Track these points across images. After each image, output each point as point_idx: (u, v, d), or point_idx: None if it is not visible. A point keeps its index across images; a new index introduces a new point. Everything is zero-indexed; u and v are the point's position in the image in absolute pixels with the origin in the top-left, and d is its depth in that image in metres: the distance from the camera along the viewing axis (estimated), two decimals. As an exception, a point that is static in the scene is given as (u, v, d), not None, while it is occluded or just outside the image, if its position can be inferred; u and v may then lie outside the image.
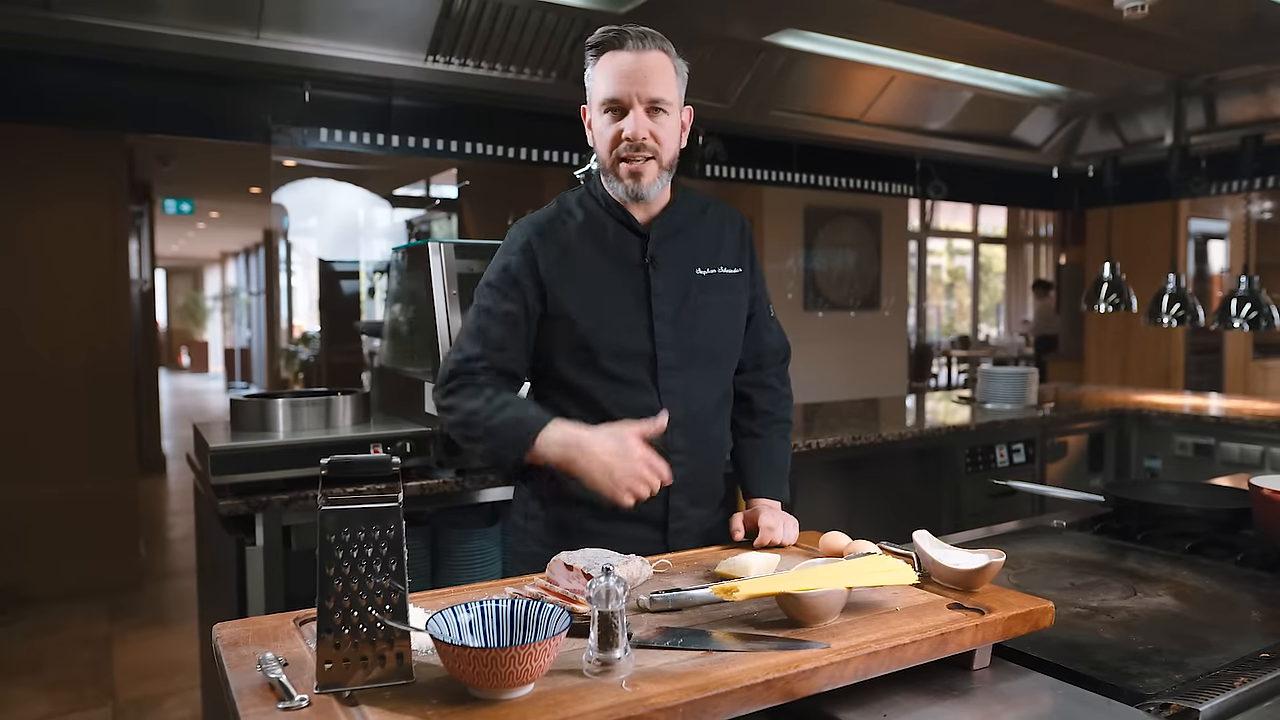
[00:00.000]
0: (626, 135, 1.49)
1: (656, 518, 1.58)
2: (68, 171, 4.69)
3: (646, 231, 1.57)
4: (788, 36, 3.54)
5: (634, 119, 1.49)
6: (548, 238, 1.57)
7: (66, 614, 4.25)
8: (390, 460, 1.05)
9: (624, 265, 1.57)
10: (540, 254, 1.55)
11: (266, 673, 0.96)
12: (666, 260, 1.57)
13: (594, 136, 1.57)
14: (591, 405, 1.55)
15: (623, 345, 1.54)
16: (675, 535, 1.59)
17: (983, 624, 1.11)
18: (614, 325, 1.54)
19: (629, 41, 1.50)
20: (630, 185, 1.52)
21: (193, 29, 2.84)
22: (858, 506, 3.59)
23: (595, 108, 1.54)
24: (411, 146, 3.46)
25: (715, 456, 1.66)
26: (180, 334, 20.10)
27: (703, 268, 1.60)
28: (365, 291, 6.50)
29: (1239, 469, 3.60)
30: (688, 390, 1.57)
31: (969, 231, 12.01)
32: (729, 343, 1.65)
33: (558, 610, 0.98)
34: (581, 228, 1.58)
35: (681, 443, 1.56)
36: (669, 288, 1.57)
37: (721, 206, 1.70)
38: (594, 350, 1.53)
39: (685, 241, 1.61)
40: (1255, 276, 4.08)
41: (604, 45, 1.52)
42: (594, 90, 1.55)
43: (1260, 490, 1.65)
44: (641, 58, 1.50)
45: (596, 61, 1.53)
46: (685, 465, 1.56)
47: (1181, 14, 3.17)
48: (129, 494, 4.87)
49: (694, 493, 1.61)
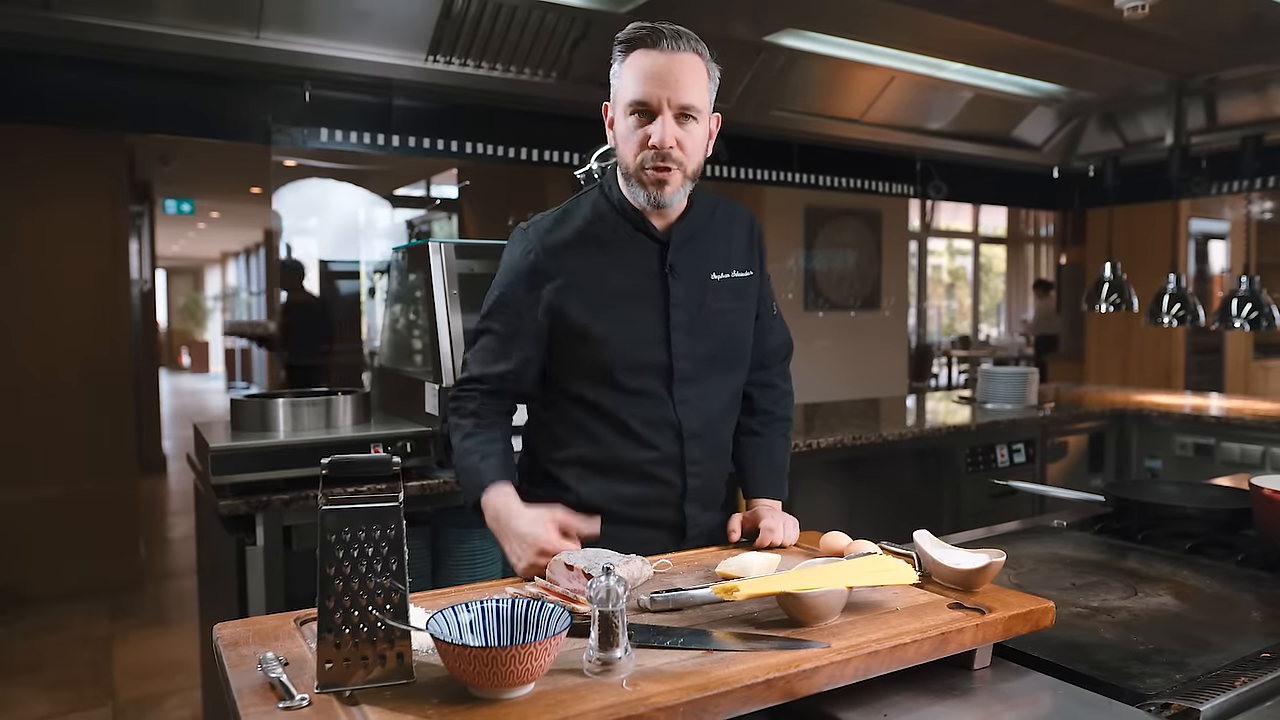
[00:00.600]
0: (653, 143, 1.41)
1: (674, 526, 1.56)
2: (68, 171, 4.69)
3: (665, 239, 1.51)
4: (788, 36, 3.54)
5: (662, 126, 1.40)
6: (554, 248, 1.50)
7: (67, 614, 4.25)
8: (391, 460, 1.05)
9: (641, 273, 1.50)
10: (547, 267, 1.49)
11: (267, 672, 0.96)
12: (684, 267, 1.52)
13: (616, 138, 1.48)
14: (607, 418, 1.51)
15: (638, 358, 1.49)
16: (690, 543, 1.57)
17: (983, 624, 1.10)
18: (629, 338, 1.48)
19: (663, 41, 1.41)
20: (653, 194, 1.45)
21: (193, 29, 2.84)
22: (858, 506, 3.59)
23: (620, 108, 1.45)
24: (412, 146, 3.46)
25: (725, 460, 1.64)
26: (181, 334, 20.10)
27: (717, 273, 1.55)
28: (365, 292, 6.49)
29: (1239, 469, 3.60)
30: (702, 400, 1.53)
31: (969, 231, 12.01)
32: (742, 348, 1.61)
33: (558, 610, 0.98)
34: (594, 234, 1.51)
35: (697, 453, 1.54)
36: (687, 296, 1.51)
37: (729, 204, 1.64)
38: (608, 365, 1.48)
39: (700, 247, 1.55)
40: (1256, 276, 4.08)
41: (635, 42, 1.42)
42: (620, 89, 1.45)
43: (1261, 490, 1.65)
44: (674, 59, 1.40)
45: (625, 59, 1.43)
46: (700, 476, 1.55)
47: (1182, 14, 3.17)
48: (129, 494, 4.87)
49: (706, 499, 1.59)
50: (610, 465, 1.52)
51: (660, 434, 1.51)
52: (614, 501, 1.53)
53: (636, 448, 1.51)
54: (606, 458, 1.52)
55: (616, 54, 1.45)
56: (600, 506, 1.50)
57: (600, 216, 1.52)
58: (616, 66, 1.46)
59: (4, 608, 4.23)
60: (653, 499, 1.54)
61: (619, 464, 1.52)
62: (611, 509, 1.51)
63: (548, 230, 1.52)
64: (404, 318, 2.80)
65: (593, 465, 1.53)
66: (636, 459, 1.51)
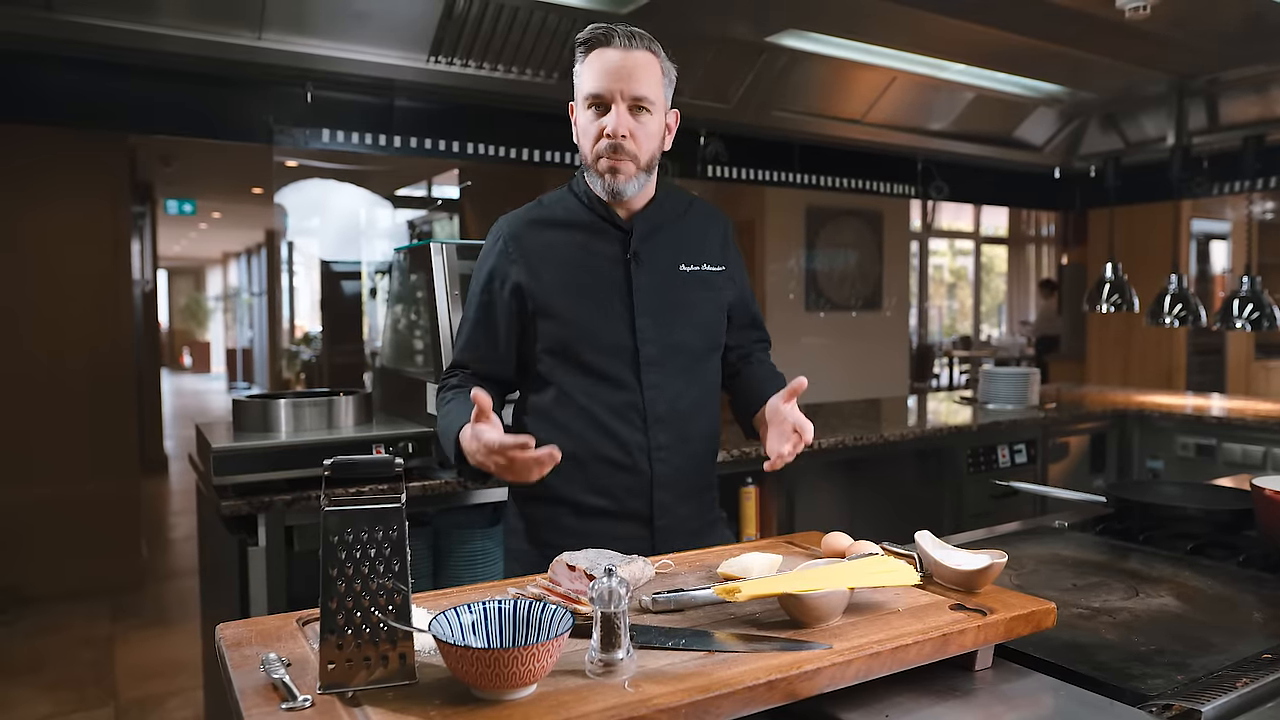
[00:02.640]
0: (607, 131, 1.50)
1: (642, 514, 1.59)
2: (69, 172, 4.70)
3: (629, 227, 1.59)
4: (789, 37, 3.54)
5: (615, 115, 1.50)
6: (524, 236, 1.60)
7: (68, 614, 4.25)
8: (393, 461, 1.05)
9: (605, 260, 1.58)
10: (517, 252, 1.58)
11: (270, 673, 0.96)
12: (649, 256, 1.59)
13: (578, 133, 1.59)
14: (574, 404, 1.57)
15: (603, 340, 1.55)
16: (662, 532, 1.59)
17: (985, 625, 1.11)
18: (595, 320, 1.56)
19: (616, 39, 1.52)
20: (609, 182, 1.54)
21: (195, 30, 2.84)
22: (859, 507, 3.59)
23: (579, 102, 1.56)
24: (413, 147, 3.46)
25: (700, 451, 1.65)
26: (182, 334, 20.12)
27: (686, 264, 1.62)
28: (367, 292, 6.50)
29: (1241, 469, 3.60)
30: (670, 385, 1.58)
31: (971, 232, 12.01)
32: (711, 339, 1.67)
33: (560, 611, 0.99)
34: (561, 221, 1.61)
35: (664, 438, 1.58)
36: (652, 283, 1.58)
37: (705, 205, 1.73)
38: (575, 346, 1.55)
39: (668, 238, 1.63)
40: (1257, 277, 4.08)
41: (592, 42, 1.53)
42: (579, 86, 1.56)
43: (1262, 491, 1.65)
44: (628, 55, 1.51)
45: (585, 58, 1.54)
46: (668, 462, 1.58)
47: (1183, 14, 3.17)
48: (131, 494, 4.87)
49: (679, 489, 1.61)
50: (580, 455, 1.56)
51: (627, 422, 1.56)
52: (586, 491, 1.57)
53: (603, 436, 1.56)
54: (576, 448, 1.55)
55: (578, 54, 1.56)
56: (571, 498, 1.56)
57: (568, 207, 1.63)
58: (578, 66, 1.57)
59: (6, 608, 4.24)
60: (621, 487, 1.57)
61: (588, 453, 1.56)
62: (583, 500, 1.57)
63: (519, 219, 1.63)
64: (405, 318, 2.80)
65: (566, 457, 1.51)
66: (604, 447, 1.56)
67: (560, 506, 1.59)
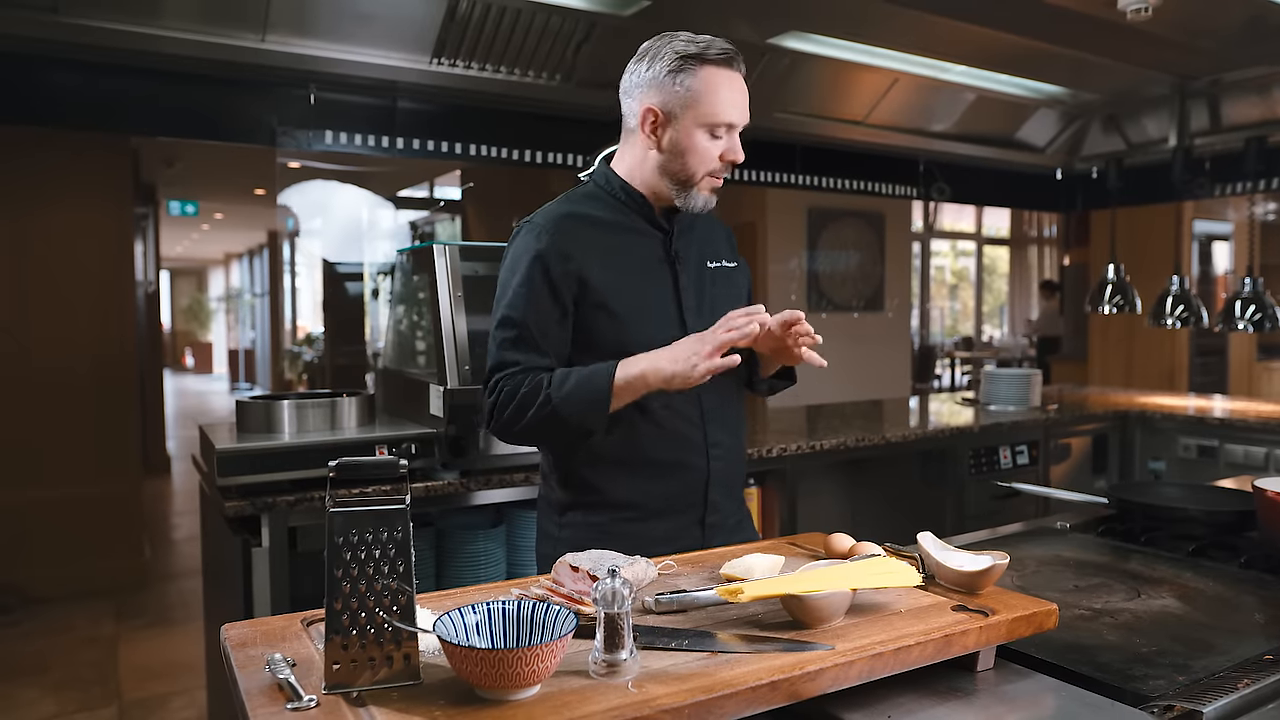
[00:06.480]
0: (731, 159, 1.53)
1: (696, 512, 1.59)
2: (73, 173, 4.71)
3: (669, 228, 1.61)
4: (791, 39, 3.55)
5: (737, 143, 1.53)
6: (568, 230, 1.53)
7: (72, 614, 4.26)
8: (398, 462, 1.06)
9: (651, 259, 1.59)
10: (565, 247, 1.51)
11: (275, 673, 0.96)
12: (686, 254, 1.62)
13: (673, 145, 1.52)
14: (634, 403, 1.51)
15: (658, 339, 1.51)
16: (711, 530, 1.61)
17: (987, 626, 1.11)
18: (646, 316, 1.56)
19: (734, 61, 1.52)
20: (705, 198, 1.56)
21: (198, 32, 2.85)
22: (861, 508, 3.59)
23: (700, 123, 1.50)
24: (416, 149, 3.47)
25: (741, 447, 1.69)
26: (185, 335, 20.14)
27: (711, 261, 1.66)
28: (369, 293, 6.50)
29: (1243, 471, 3.60)
30: (719, 381, 1.55)
31: (973, 233, 12.01)
32: None
33: (564, 612, 0.99)
34: (602, 221, 1.58)
35: (719, 434, 1.60)
36: (691, 281, 1.62)
37: None
38: (628, 343, 1.51)
39: (694, 238, 1.66)
40: (1259, 278, 4.08)
41: (716, 60, 1.50)
42: (701, 105, 1.50)
43: (1264, 492, 1.65)
44: (741, 80, 1.54)
45: (697, 72, 1.49)
46: (723, 458, 1.60)
47: (1185, 15, 3.16)
48: (134, 494, 4.88)
49: (728, 485, 1.64)
50: (636, 459, 1.55)
51: (686, 419, 1.57)
52: (641, 495, 1.56)
53: (660, 435, 1.55)
54: (632, 451, 1.54)
55: (689, 64, 1.49)
56: (627, 501, 1.55)
57: (607, 206, 1.60)
58: (687, 79, 1.49)
59: (10, 608, 4.25)
60: (677, 489, 1.58)
61: (645, 456, 1.56)
62: (638, 502, 1.56)
63: (554, 214, 1.58)
64: (408, 319, 2.81)
65: (620, 461, 1.55)
66: (662, 448, 1.56)
67: (623, 511, 1.55)
